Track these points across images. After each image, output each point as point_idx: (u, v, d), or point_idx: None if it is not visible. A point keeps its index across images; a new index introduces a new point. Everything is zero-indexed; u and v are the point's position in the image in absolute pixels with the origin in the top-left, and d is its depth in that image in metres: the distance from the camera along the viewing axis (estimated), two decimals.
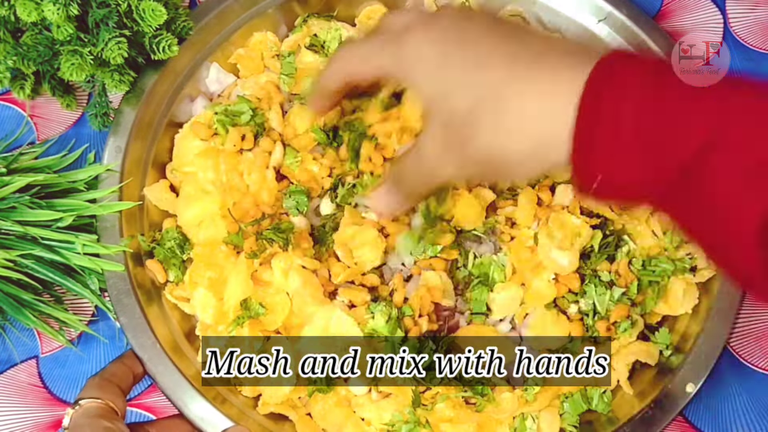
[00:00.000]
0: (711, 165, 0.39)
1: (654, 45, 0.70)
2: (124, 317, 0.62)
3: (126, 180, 0.65)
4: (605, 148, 0.41)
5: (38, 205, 0.62)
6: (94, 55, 0.61)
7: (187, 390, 0.60)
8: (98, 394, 0.55)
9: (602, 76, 0.41)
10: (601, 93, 0.41)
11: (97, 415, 0.54)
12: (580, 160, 0.42)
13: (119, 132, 0.66)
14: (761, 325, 0.68)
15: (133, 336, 0.61)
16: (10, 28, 0.64)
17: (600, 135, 0.41)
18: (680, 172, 0.39)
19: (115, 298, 0.62)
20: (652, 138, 0.40)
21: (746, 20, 0.79)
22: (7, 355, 0.67)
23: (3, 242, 0.61)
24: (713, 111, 0.39)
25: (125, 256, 0.63)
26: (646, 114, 0.40)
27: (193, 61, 0.69)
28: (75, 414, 0.54)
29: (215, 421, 0.59)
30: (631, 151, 0.40)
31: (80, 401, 0.55)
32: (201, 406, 0.60)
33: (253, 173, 0.64)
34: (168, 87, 0.68)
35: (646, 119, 0.40)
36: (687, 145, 0.39)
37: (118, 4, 0.61)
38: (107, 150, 0.65)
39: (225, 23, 0.70)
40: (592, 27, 0.72)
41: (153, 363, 0.61)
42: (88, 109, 0.70)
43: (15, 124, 0.73)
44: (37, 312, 0.63)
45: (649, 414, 0.61)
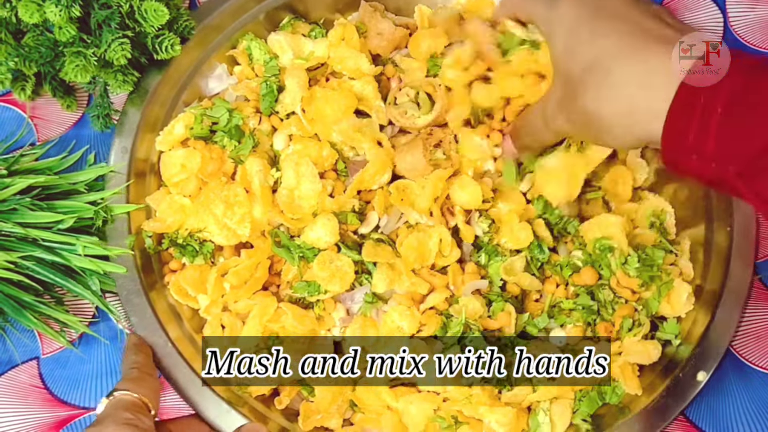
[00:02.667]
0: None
1: None
2: (135, 317, 0.62)
3: (131, 181, 0.65)
4: (691, 121, 0.45)
5: (39, 207, 0.62)
6: (98, 56, 0.61)
7: (200, 388, 0.61)
8: (135, 389, 0.57)
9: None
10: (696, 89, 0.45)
11: (125, 407, 0.55)
12: (671, 138, 0.46)
13: (124, 132, 0.66)
14: (762, 325, 0.68)
15: (144, 336, 0.62)
16: (11, 30, 0.64)
17: (689, 109, 0.45)
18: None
19: (125, 298, 0.63)
20: (740, 119, 0.43)
21: (746, 19, 0.79)
22: (8, 356, 0.67)
23: (4, 244, 0.61)
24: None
25: (134, 255, 0.63)
26: (736, 105, 0.43)
27: (197, 60, 0.70)
28: (108, 403, 0.56)
29: (229, 419, 0.60)
30: (716, 128, 0.44)
31: (115, 392, 0.56)
32: (214, 403, 0.60)
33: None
34: (172, 87, 0.68)
35: (736, 110, 0.43)
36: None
37: (120, 5, 0.61)
38: (113, 150, 0.65)
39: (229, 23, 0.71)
40: None
41: (165, 362, 0.61)
42: (90, 111, 0.69)
43: (15, 125, 0.73)
44: (37, 313, 0.63)
45: (662, 403, 0.61)
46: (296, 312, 0.62)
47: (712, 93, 0.44)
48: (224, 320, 0.64)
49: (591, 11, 0.52)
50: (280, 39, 0.69)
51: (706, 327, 0.63)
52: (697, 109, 0.44)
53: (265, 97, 0.68)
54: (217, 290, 0.63)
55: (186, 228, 0.65)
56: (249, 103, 0.69)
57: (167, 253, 0.66)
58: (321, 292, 0.62)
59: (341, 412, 0.62)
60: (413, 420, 0.61)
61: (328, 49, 0.69)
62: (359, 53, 0.68)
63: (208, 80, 0.71)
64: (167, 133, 0.66)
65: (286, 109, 0.67)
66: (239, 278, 0.62)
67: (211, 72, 0.71)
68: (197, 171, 0.65)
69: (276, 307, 0.62)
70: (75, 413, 0.66)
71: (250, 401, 0.62)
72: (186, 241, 0.64)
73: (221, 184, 0.65)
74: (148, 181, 0.67)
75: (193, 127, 0.67)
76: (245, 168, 0.65)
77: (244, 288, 0.63)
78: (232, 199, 0.64)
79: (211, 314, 0.64)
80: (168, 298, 0.65)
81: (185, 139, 0.67)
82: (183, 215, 0.65)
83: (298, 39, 0.70)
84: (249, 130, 0.67)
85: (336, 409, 0.62)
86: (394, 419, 0.61)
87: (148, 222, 0.65)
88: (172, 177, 0.65)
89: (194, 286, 0.63)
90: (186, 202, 0.65)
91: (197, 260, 0.64)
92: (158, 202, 0.65)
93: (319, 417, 0.62)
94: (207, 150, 0.66)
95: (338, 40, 0.69)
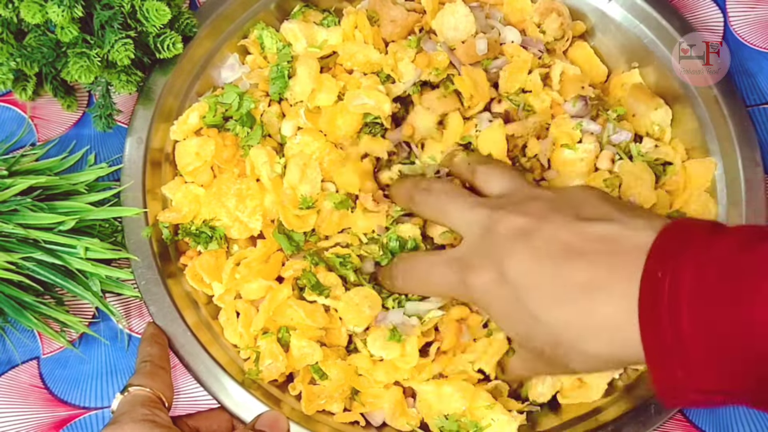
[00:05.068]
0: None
1: (666, 23, 0.70)
2: (154, 306, 0.63)
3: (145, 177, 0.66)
4: (670, 363, 0.41)
5: (40, 207, 0.62)
6: (101, 57, 0.61)
7: (221, 375, 0.61)
8: (148, 383, 0.57)
9: (654, 278, 0.42)
10: (657, 295, 0.41)
11: (141, 403, 0.55)
12: (655, 376, 0.43)
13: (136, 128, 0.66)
14: None
15: (164, 325, 0.62)
16: (12, 30, 0.64)
17: (662, 342, 0.41)
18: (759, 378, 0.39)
19: (143, 287, 0.63)
20: (717, 343, 0.39)
21: (747, 19, 0.79)
22: (8, 357, 0.67)
23: (4, 245, 0.60)
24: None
25: (151, 244, 0.64)
26: (702, 320, 0.40)
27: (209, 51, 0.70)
28: (123, 399, 0.56)
29: (250, 406, 0.60)
30: (698, 362, 0.40)
31: (129, 387, 0.56)
32: (235, 391, 0.60)
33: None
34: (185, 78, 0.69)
35: (702, 326, 0.40)
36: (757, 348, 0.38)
37: (122, 5, 0.61)
38: (128, 141, 0.66)
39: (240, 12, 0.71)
40: (602, 7, 0.72)
41: (185, 351, 0.61)
42: (92, 111, 0.69)
43: (15, 125, 0.73)
44: (38, 313, 0.63)
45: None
46: (307, 308, 0.62)
47: (673, 318, 0.40)
48: (239, 307, 0.63)
49: (522, 288, 0.48)
50: (294, 27, 0.69)
51: None
52: (670, 347, 0.41)
53: (275, 81, 0.67)
54: (232, 279, 0.63)
55: (200, 218, 0.65)
56: (259, 88, 0.69)
57: (183, 242, 0.67)
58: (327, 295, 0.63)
59: (344, 397, 0.62)
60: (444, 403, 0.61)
61: (342, 37, 0.68)
62: (367, 46, 0.67)
63: (221, 70, 0.71)
64: (182, 123, 0.67)
65: (296, 98, 0.67)
66: (251, 270, 0.62)
67: (223, 62, 0.71)
68: (211, 158, 0.65)
69: (288, 296, 0.62)
70: (75, 413, 0.66)
71: (264, 386, 0.62)
72: (200, 228, 0.65)
73: (233, 176, 0.65)
74: (164, 171, 0.68)
75: (206, 116, 0.67)
76: (251, 158, 0.65)
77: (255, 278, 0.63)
78: (245, 192, 0.64)
79: (224, 302, 0.64)
80: (184, 284, 0.65)
81: (199, 128, 0.67)
82: (197, 205, 0.65)
83: (311, 27, 0.70)
84: (259, 115, 0.67)
85: (340, 394, 0.62)
86: (397, 395, 0.62)
87: (163, 212, 0.65)
88: (187, 165, 0.66)
89: (210, 273, 0.63)
90: (200, 191, 0.65)
91: (211, 245, 0.65)
92: (174, 191, 0.66)
93: (323, 402, 0.62)
94: (220, 137, 0.66)
95: (351, 29, 0.68)
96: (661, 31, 0.71)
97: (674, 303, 0.40)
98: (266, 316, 0.62)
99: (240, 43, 0.72)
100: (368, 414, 0.63)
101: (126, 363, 0.67)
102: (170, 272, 0.65)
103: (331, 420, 0.62)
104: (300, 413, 0.61)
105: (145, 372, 0.58)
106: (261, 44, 0.71)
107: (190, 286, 0.65)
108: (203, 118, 0.67)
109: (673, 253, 0.42)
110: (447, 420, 0.60)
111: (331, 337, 0.63)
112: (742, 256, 0.40)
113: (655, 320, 0.41)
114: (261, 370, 0.62)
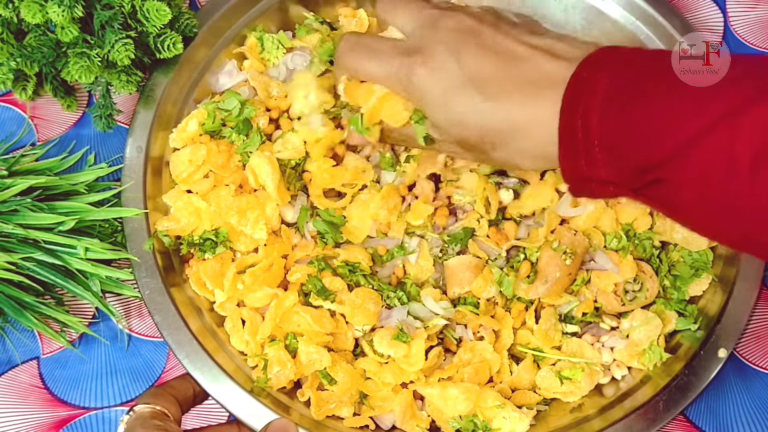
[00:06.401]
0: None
1: (663, 20, 0.71)
2: (159, 315, 0.61)
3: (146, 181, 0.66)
4: (578, 156, 0.47)
5: (40, 208, 0.62)
6: (101, 57, 0.61)
7: (229, 384, 0.60)
8: (152, 401, 0.56)
9: (575, 91, 0.47)
10: (574, 107, 0.47)
11: (150, 416, 0.54)
12: (565, 165, 0.49)
13: (136, 132, 0.66)
14: (762, 325, 0.69)
15: (168, 334, 0.61)
16: (12, 30, 0.64)
17: (574, 145, 0.47)
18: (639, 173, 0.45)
19: (148, 297, 0.62)
20: (614, 145, 0.46)
21: (747, 19, 0.79)
22: (8, 357, 0.67)
23: (4, 245, 0.61)
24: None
25: (154, 253, 0.63)
26: (608, 125, 0.45)
27: (207, 57, 0.70)
28: (129, 419, 0.55)
29: (260, 414, 0.59)
30: (600, 157, 0.47)
31: (134, 408, 0.55)
32: (243, 399, 0.59)
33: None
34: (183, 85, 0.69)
35: (607, 130, 0.46)
36: (649, 152, 0.44)
37: (122, 5, 0.61)
38: (128, 149, 0.65)
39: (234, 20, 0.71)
40: (598, 5, 0.73)
41: (191, 359, 0.60)
42: (92, 111, 0.69)
43: (15, 125, 0.73)
44: (38, 314, 0.63)
45: (684, 381, 0.61)
46: (314, 314, 0.62)
47: (585, 120, 0.46)
48: (243, 315, 0.63)
49: (457, 78, 0.51)
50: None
51: (724, 304, 0.63)
52: (580, 143, 0.47)
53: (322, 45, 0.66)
54: (234, 287, 0.62)
55: (201, 229, 0.64)
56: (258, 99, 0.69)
57: (189, 253, 0.66)
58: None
59: (353, 401, 0.62)
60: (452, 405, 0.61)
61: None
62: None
63: (218, 76, 0.71)
64: (181, 130, 0.66)
65: (294, 114, 0.67)
66: (255, 279, 0.62)
67: (220, 68, 0.71)
68: (203, 163, 0.64)
69: (294, 302, 0.62)
70: (75, 413, 0.66)
71: (273, 393, 0.62)
72: (203, 236, 0.64)
73: (230, 192, 0.65)
74: (164, 179, 0.67)
75: (205, 122, 0.66)
76: (251, 165, 0.65)
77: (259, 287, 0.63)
78: (244, 206, 0.64)
79: (225, 310, 0.63)
80: (187, 290, 0.64)
81: (199, 136, 0.67)
82: (197, 218, 0.64)
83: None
84: (257, 124, 0.67)
85: (349, 398, 0.61)
86: (407, 398, 0.61)
87: (161, 221, 0.64)
88: (181, 174, 0.65)
89: (213, 279, 0.63)
90: (202, 205, 0.64)
91: (218, 249, 0.64)
92: (174, 199, 0.65)
93: (332, 407, 0.61)
94: (214, 144, 0.66)
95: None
96: (660, 29, 0.71)
97: (589, 104, 0.46)
98: (273, 324, 0.62)
99: (236, 50, 0.71)
100: (378, 418, 0.62)
101: (126, 363, 0.67)
102: (174, 281, 0.64)
103: (341, 425, 0.61)
104: (309, 419, 0.61)
105: (149, 393, 0.58)
106: (261, 45, 0.71)
107: (193, 291, 0.64)
108: (202, 125, 0.66)
109: (598, 60, 0.48)
110: (462, 420, 0.60)
111: (337, 342, 0.63)
112: (649, 65, 0.46)
113: (571, 120, 0.47)
114: (270, 378, 0.61)
